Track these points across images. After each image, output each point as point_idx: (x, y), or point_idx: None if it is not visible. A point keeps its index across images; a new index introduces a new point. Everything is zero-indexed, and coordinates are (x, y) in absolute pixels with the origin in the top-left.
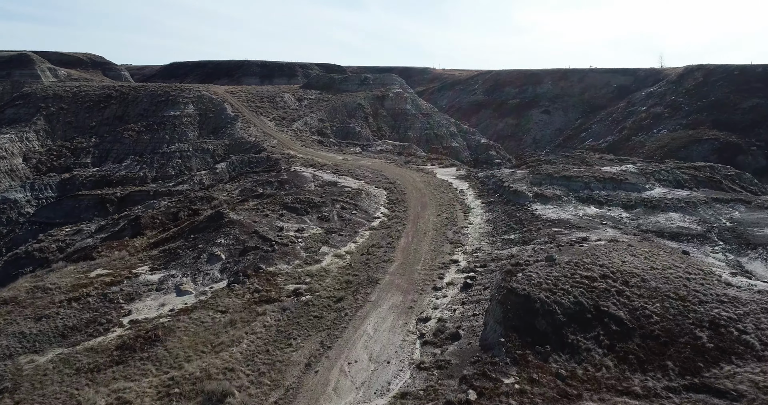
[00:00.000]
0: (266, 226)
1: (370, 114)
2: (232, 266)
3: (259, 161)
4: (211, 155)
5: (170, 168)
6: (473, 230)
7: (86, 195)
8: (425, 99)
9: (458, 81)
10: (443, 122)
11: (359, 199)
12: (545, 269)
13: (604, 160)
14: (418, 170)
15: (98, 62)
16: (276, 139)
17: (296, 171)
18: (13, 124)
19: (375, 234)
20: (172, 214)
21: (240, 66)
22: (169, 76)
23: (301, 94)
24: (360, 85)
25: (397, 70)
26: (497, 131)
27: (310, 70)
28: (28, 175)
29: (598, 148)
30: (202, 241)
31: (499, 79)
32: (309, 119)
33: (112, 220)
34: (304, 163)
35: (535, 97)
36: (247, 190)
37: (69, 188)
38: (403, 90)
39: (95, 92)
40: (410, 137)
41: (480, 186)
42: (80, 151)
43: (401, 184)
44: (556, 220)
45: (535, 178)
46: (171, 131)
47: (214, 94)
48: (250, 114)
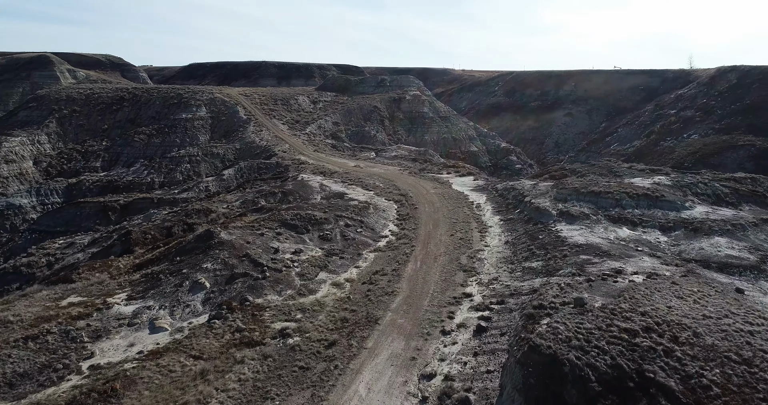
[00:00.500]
0: (260, 248)
1: (386, 117)
2: (216, 296)
3: (269, 167)
4: (221, 160)
5: (178, 173)
6: (490, 254)
7: (88, 202)
8: (444, 101)
9: (478, 82)
10: (462, 125)
11: (366, 215)
12: (575, 318)
13: (634, 171)
14: (432, 180)
15: (117, 63)
16: (288, 144)
17: (303, 180)
18: (26, 127)
19: (380, 257)
20: (166, 229)
21: (257, 67)
22: (188, 77)
23: (316, 96)
24: (376, 87)
25: (416, 71)
26: (518, 134)
27: (327, 71)
28: (38, 179)
29: (624, 153)
30: (187, 266)
31: (520, 81)
32: (323, 122)
33: (106, 233)
34: (313, 170)
35: (558, 100)
36: (249, 202)
37: (75, 193)
38: (421, 92)
39: (108, 94)
40: (427, 141)
41: (498, 200)
42: (90, 155)
43: (413, 197)
44: (584, 245)
45: (560, 193)
46: (182, 134)
47: (227, 96)
48: (263, 117)
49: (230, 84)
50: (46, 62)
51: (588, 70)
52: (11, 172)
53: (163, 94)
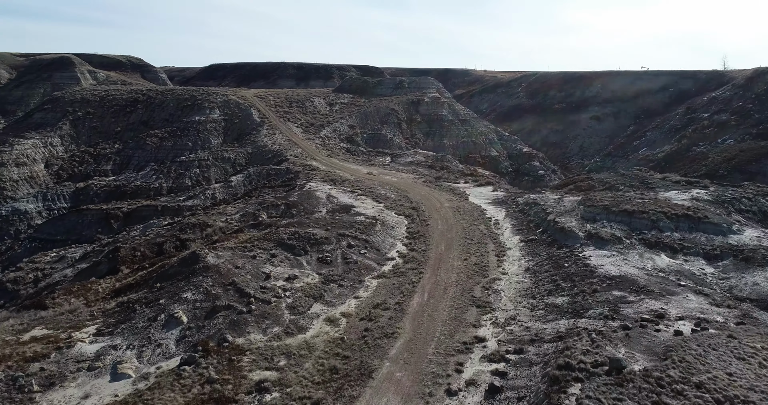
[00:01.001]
0: (249, 274)
1: (403, 120)
2: (193, 334)
3: (278, 174)
4: (232, 164)
5: (187, 178)
6: (508, 285)
7: (90, 210)
8: (465, 102)
9: (500, 83)
10: (482, 129)
11: (372, 233)
12: (611, 391)
13: (668, 183)
14: (448, 190)
15: (137, 64)
16: (301, 148)
17: (310, 190)
18: (40, 129)
19: (384, 285)
20: (157, 246)
21: (276, 68)
22: (208, 78)
23: (333, 98)
24: (395, 88)
25: (436, 71)
26: (541, 138)
27: (346, 71)
28: (48, 182)
29: (653, 158)
30: (166, 294)
31: (543, 82)
32: (338, 125)
33: (99, 246)
34: (324, 177)
35: (583, 101)
36: (249, 215)
37: (82, 199)
38: (440, 94)
39: (122, 96)
40: (446, 145)
41: (519, 216)
42: (102, 158)
43: (426, 211)
44: (617, 278)
45: (588, 211)
46: (194, 138)
47: (241, 98)
48: (276, 120)
49: (249, 85)
50: (68, 63)
51: (614, 71)
52: (22, 176)
53: (177, 96)
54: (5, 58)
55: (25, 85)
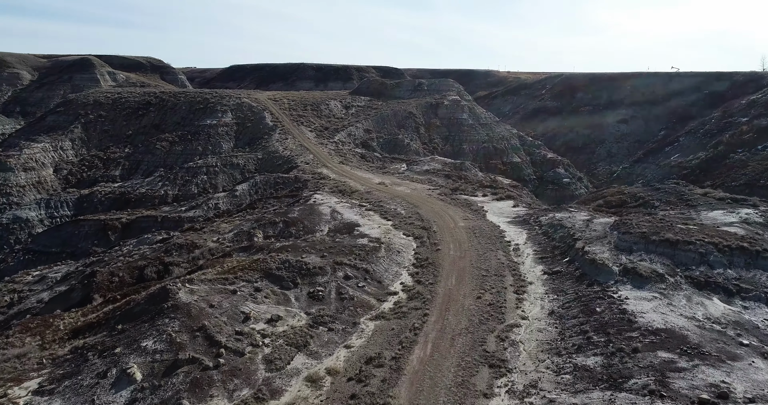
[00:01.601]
0: (225, 315)
1: (421, 124)
2: (145, 396)
3: (286, 182)
4: (241, 171)
5: (194, 185)
6: (528, 334)
7: (88, 220)
8: (486, 104)
9: (523, 85)
10: (504, 134)
11: (374, 260)
12: None
13: (711, 200)
14: (464, 205)
15: (157, 66)
16: (312, 154)
17: (314, 204)
18: (51, 132)
19: (381, 330)
20: (138, 270)
21: (295, 69)
22: (228, 80)
23: (350, 100)
24: (413, 91)
25: (458, 72)
26: (566, 142)
27: (365, 73)
28: (56, 188)
29: (687, 165)
30: (125, 341)
31: (569, 83)
32: (354, 130)
33: (82, 265)
34: (332, 187)
35: (611, 104)
36: (243, 234)
37: (86, 206)
38: (460, 97)
39: (135, 99)
40: (465, 151)
41: (542, 240)
42: (111, 163)
43: (438, 232)
44: (662, 332)
45: (623, 240)
46: (205, 142)
47: (254, 101)
48: (290, 124)
49: (267, 87)
50: (87, 65)
51: (644, 72)
52: (29, 181)
53: (189, 99)
54: (28, 59)
55: (46, 87)
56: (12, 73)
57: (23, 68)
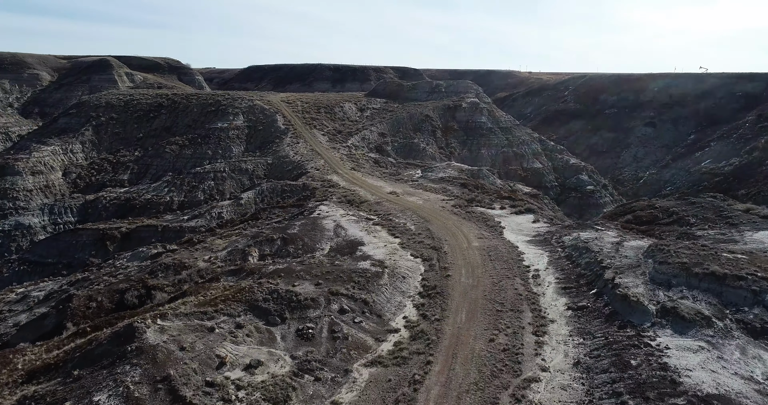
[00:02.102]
0: (196, 360)
1: (438, 127)
2: None
3: (293, 190)
4: (249, 176)
5: (200, 192)
6: (549, 392)
7: (86, 230)
8: (507, 106)
9: (546, 86)
10: (524, 138)
11: (376, 288)
12: None
13: (754, 217)
14: (480, 220)
15: (174, 67)
16: (323, 159)
17: (318, 216)
18: (62, 135)
19: (376, 381)
20: (119, 294)
21: (312, 70)
22: (246, 80)
23: (365, 103)
24: (430, 93)
25: (477, 73)
26: (590, 146)
27: (383, 73)
28: (64, 192)
29: (720, 172)
30: (77, 392)
31: (593, 85)
32: (368, 133)
33: (67, 283)
34: (341, 197)
35: (638, 106)
36: (237, 252)
37: (91, 212)
38: (479, 99)
39: (147, 101)
40: (484, 156)
41: (565, 265)
42: (120, 166)
43: (449, 253)
44: (714, 399)
45: (660, 271)
46: (215, 146)
47: (267, 103)
48: (302, 127)
49: (285, 87)
50: (105, 66)
51: (672, 73)
52: (37, 185)
53: (201, 101)
54: (48, 60)
55: (65, 88)
56: (32, 74)
57: (43, 69)
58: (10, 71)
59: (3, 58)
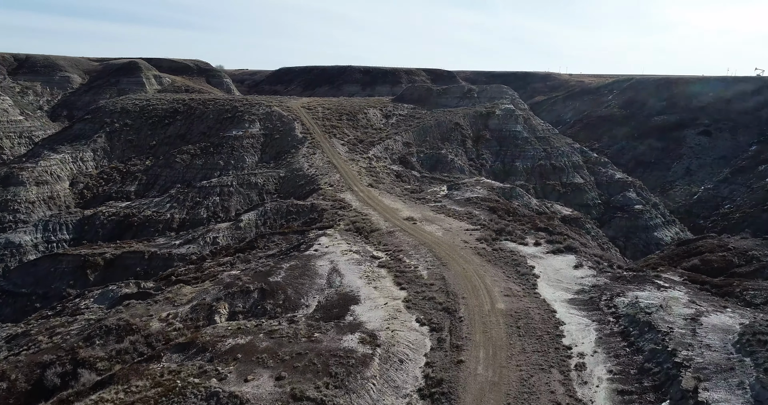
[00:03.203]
0: None
1: (469, 136)
2: None
3: (300, 211)
4: (259, 191)
5: (203, 209)
6: None
7: (67, 255)
8: (545, 110)
9: (587, 89)
10: (564, 149)
11: (358, 386)
12: None
13: None
14: (509, 263)
15: (204, 69)
16: (339, 173)
17: (315, 255)
18: (75, 142)
19: None
20: (40, 369)
21: (342, 72)
22: (276, 82)
23: (391, 108)
24: (461, 98)
25: (514, 75)
26: (635, 156)
27: (415, 76)
28: (70, 203)
29: None
30: None
31: (639, 88)
32: (392, 143)
33: (3, 338)
34: (348, 224)
35: (690, 113)
36: (203, 309)
37: (87, 229)
38: (514, 106)
39: (163, 106)
40: (518, 169)
41: (621, 349)
42: (128, 177)
43: (465, 319)
44: None
45: (762, 362)
46: (227, 155)
47: (285, 110)
48: (321, 135)
49: (314, 90)
50: (134, 68)
51: (729, 77)
52: (40, 196)
53: (218, 107)
54: (80, 63)
55: (94, 90)
56: (63, 76)
57: (75, 72)
58: (43, 74)
59: (36, 61)
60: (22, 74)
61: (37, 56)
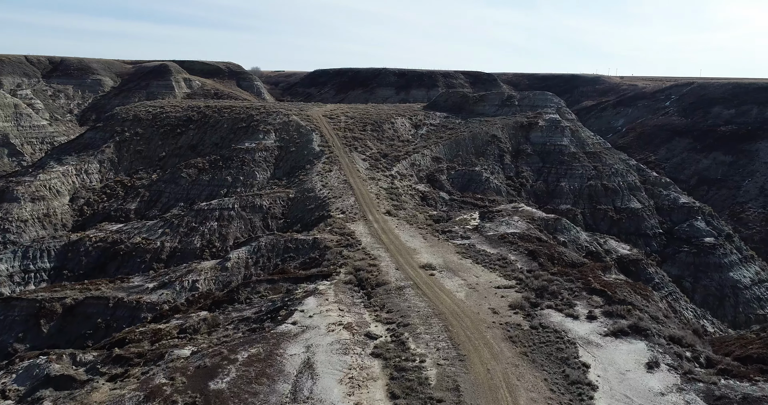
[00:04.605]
0: None
1: (507, 151)
2: None
3: (300, 249)
4: (263, 216)
5: (198, 236)
6: None
7: (21, 300)
8: (594, 117)
9: (641, 94)
10: (618, 167)
11: None
12: None
13: None
14: (553, 357)
15: (235, 72)
16: (355, 196)
17: (286, 338)
18: (83, 152)
19: None
20: None
21: (377, 75)
22: (310, 85)
23: (422, 117)
24: (500, 106)
25: (561, 78)
26: (698, 172)
27: (453, 79)
28: (66, 221)
29: None
30: None
31: (703, 94)
32: (419, 158)
33: None
34: (350, 273)
35: (763, 123)
36: None
37: (70, 257)
38: (560, 115)
39: (177, 114)
40: (563, 190)
41: None
42: (132, 192)
43: None
44: None
45: None
46: (237, 171)
47: (305, 119)
48: (340, 149)
49: (347, 93)
50: (164, 71)
51: None
52: (35, 214)
53: (233, 115)
54: (113, 65)
55: (124, 94)
56: (95, 79)
57: (107, 75)
58: (75, 77)
59: (70, 64)
60: (55, 77)
61: (71, 59)
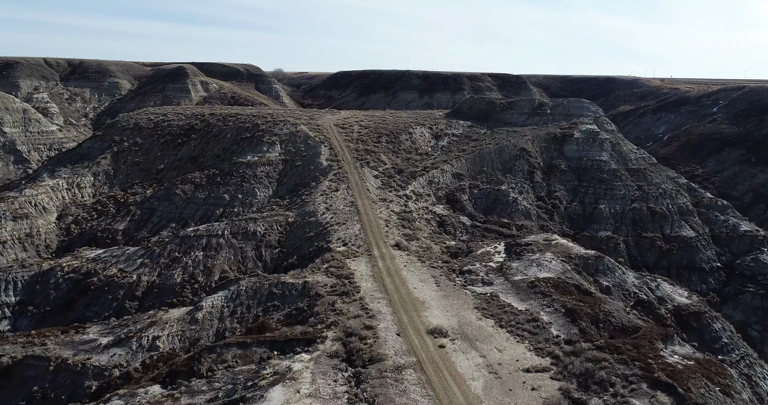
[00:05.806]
0: None
1: (538, 166)
2: None
3: (286, 296)
4: (256, 245)
5: (180, 269)
6: None
7: None
8: (632, 123)
9: (684, 99)
10: (666, 187)
11: None
12: None
13: None
14: None
15: (253, 74)
16: (361, 223)
17: None
18: (78, 163)
19: None
20: None
21: (399, 77)
22: (332, 87)
23: (443, 126)
24: (530, 115)
25: (596, 81)
26: (754, 187)
27: (480, 82)
28: (50, 242)
29: None
30: None
31: (756, 99)
32: (438, 174)
33: None
34: (340, 337)
35: None
36: None
37: (39, 290)
38: (598, 126)
39: (178, 123)
40: (603, 214)
41: None
42: (123, 209)
43: None
44: None
45: None
46: (236, 188)
47: (314, 129)
48: (351, 163)
49: (368, 96)
50: (181, 74)
51: None
52: (15, 234)
53: (238, 124)
54: (132, 68)
55: (140, 97)
56: (112, 82)
57: (124, 77)
58: (93, 79)
59: (88, 66)
60: (73, 80)
61: (89, 61)
